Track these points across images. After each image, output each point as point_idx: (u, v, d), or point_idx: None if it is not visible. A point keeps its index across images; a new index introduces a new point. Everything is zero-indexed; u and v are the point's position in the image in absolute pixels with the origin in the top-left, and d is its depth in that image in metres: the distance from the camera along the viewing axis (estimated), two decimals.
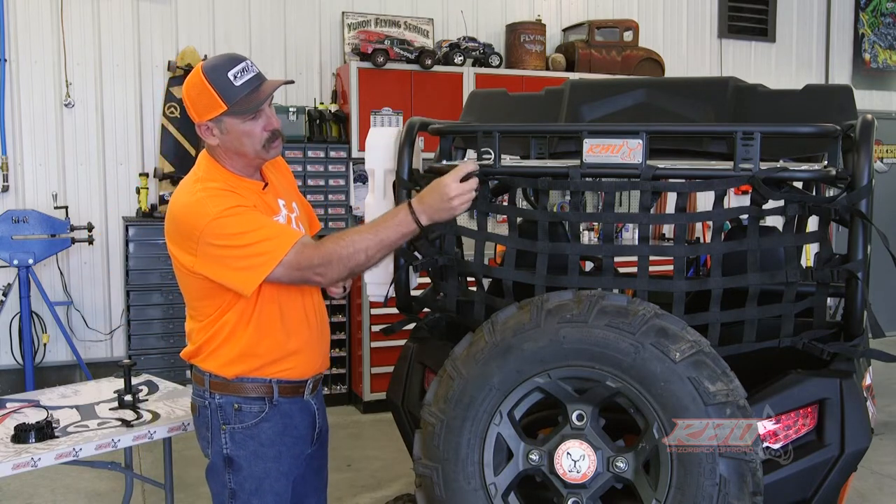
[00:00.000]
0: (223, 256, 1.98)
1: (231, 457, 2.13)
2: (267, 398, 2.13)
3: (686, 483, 1.87)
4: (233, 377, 2.11)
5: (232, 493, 2.15)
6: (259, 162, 2.14)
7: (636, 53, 6.51)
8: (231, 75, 1.99)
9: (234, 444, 2.13)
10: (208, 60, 2.07)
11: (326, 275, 2.01)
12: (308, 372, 2.21)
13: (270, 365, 2.12)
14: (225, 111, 2.00)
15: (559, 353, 1.99)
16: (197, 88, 2.02)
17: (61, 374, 5.36)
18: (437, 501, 2.06)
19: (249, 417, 2.12)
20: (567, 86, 2.89)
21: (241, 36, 5.81)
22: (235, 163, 2.11)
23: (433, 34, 6.22)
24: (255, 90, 2.03)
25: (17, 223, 4.88)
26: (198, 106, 2.04)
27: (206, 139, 2.08)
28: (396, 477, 4.32)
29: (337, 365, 5.64)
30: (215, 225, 1.96)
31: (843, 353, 2.11)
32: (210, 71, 2.01)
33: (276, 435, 2.15)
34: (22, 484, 4.08)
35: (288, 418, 2.17)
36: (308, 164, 5.64)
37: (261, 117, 2.05)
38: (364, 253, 2.01)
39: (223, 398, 2.12)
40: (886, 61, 8.25)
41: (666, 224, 5.91)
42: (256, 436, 2.13)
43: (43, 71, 5.35)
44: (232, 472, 2.14)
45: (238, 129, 2.04)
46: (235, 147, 2.07)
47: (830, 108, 2.44)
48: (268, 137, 2.07)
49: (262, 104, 2.03)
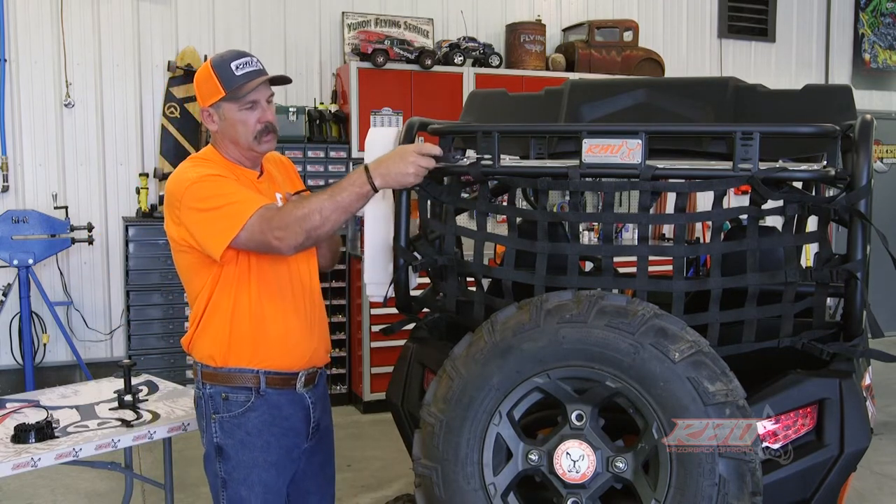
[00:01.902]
0: (198, 220, 2.08)
1: (220, 445, 2.20)
2: (254, 388, 2.18)
3: (685, 483, 1.87)
4: (221, 366, 2.18)
5: (223, 483, 2.21)
6: (252, 154, 2.23)
7: (636, 53, 6.51)
8: (233, 66, 2.15)
9: (223, 433, 2.19)
10: (219, 53, 2.24)
11: (284, 239, 2.02)
12: (297, 364, 2.25)
13: (256, 354, 2.17)
14: (223, 97, 2.15)
15: (558, 353, 1.99)
16: (203, 76, 2.19)
17: (61, 374, 5.36)
18: (437, 501, 2.06)
19: (236, 407, 2.18)
20: (567, 86, 2.89)
21: (241, 36, 5.81)
22: (232, 152, 2.22)
23: (433, 34, 6.22)
24: (251, 81, 2.15)
25: (17, 223, 4.88)
26: (202, 91, 2.19)
27: (207, 125, 2.23)
28: (396, 477, 4.32)
29: (337, 365, 5.64)
30: (193, 188, 2.08)
31: (843, 353, 2.11)
32: (216, 60, 2.19)
33: (264, 425, 2.20)
34: (22, 484, 4.08)
35: (276, 409, 2.21)
36: (308, 164, 5.64)
37: (257, 109, 2.17)
38: (318, 213, 2.02)
39: (213, 388, 2.20)
40: (886, 61, 8.25)
41: (665, 224, 5.91)
42: (243, 425, 2.18)
43: (43, 71, 5.36)
44: (222, 461, 2.20)
45: (234, 116, 2.16)
46: (231, 135, 2.19)
47: (830, 109, 2.44)
48: (261, 129, 2.18)
49: (253, 91, 2.15)
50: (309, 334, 2.28)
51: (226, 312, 2.16)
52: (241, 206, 2.05)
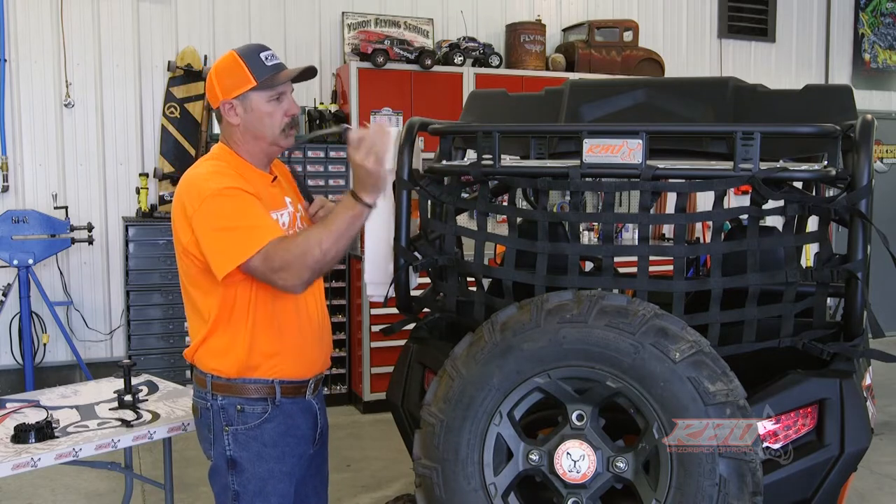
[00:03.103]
0: (210, 236, 2.00)
1: (234, 458, 2.13)
2: (270, 399, 2.13)
3: (686, 483, 1.87)
4: (235, 377, 2.11)
5: (235, 495, 2.14)
6: (274, 149, 2.18)
7: (636, 53, 6.51)
8: (262, 56, 2.11)
9: (238, 446, 2.13)
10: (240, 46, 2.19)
11: (289, 279, 1.98)
12: (309, 371, 2.21)
13: (269, 363, 2.12)
14: (254, 87, 2.09)
15: (559, 353, 1.99)
16: (229, 67, 2.12)
17: (61, 374, 5.36)
18: (437, 501, 2.06)
19: (253, 418, 2.12)
20: (567, 86, 2.89)
21: (241, 36, 5.80)
22: (251, 148, 2.16)
23: (433, 34, 6.22)
24: (281, 71, 2.13)
25: (17, 223, 4.88)
26: (226, 83, 2.12)
27: (228, 118, 2.14)
28: (396, 477, 4.32)
29: (337, 365, 5.63)
30: (211, 201, 2.00)
31: (843, 353, 2.11)
32: (243, 51, 2.13)
33: (279, 436, 2.15)
34: (22, 484, 4.08)
35: (290, 419, 2.17)
36: (308, 164, 5.64)
37: (283, 101, 2.14)
38: (318, 247, 1.97)
39: (226, 399, 2.12)
40: (886, 61, 8.25)
41: (666, 224, 5.92)
42: (259, 437, 2.13)
43: (43, 71, 5.36)
44: (235, 474, 2.14)
45: (262, 108, 2.11)
46: (255, 128, 2.13)
47: (830, 109, 2.44)
48: (287, 123, 2.15)
49: (287, 81, 2.13)
50: (320, 341, 2.25)
51: (242, 323, 2.09)
52: (258, 233, 1.98)
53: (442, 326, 2.67)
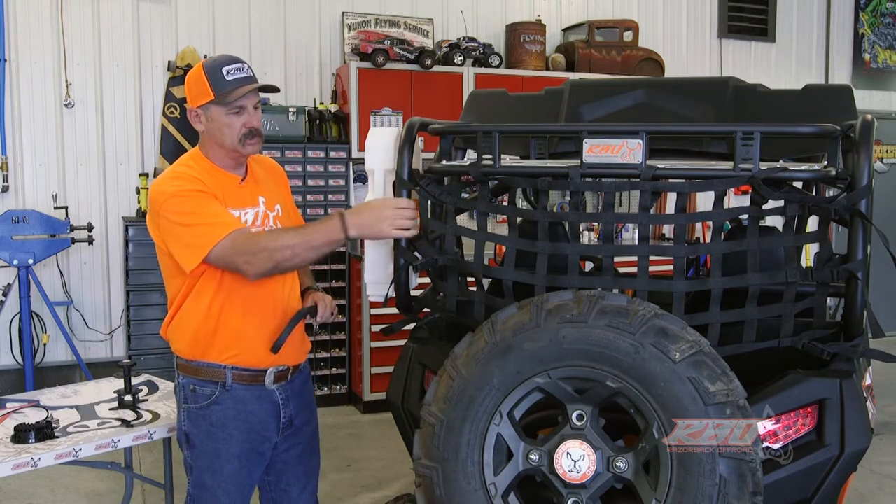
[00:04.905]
0: (174, 232, 2.18)
1: (188, 433, 2.30)
2: (220, 383, 2.25)
3: (686, 483, 1.87)
4: (191, 359, 2.27)
5: (189, 468, 2.32)
6: (237, 156, 2.28)
7: (636, 53, 6.51)
8: (224, 71, 2.21)
9: (190, 422, 2.29)
10: (212, 56, 2.32)
11: (252, 264, 2.12)
12: (265, 361, 2.28)
13: (223, 350, 2.24)
14: (212, 100, 2.20)
15: (559, 353, 1.99)
16: (194, 77, 2.25)
17: (61, 374, 5.36)
18: (437, 501, 2.06)
19: (202, 399, 2.27)
20: (567, 86, 2.89)
21: (241, 36, 5.81)
22: (217, 153, 2.28)
23: (433, 34, 6.22)
24: (240, 87, 2.21)
25: (17, 223, 4.88)
26: (192, 92, 2.25)
27: (194, 125, 2.28)
28: (396, 477, 4.32)
29: (337, 365, 5.64)
30: (170, 202, 2.17)
31: (843, 353, 2.11)
32: (208, 64, 2.25)
33: (228, 419, 2.26)
34: (22, 484, 4.08)
35: (241, 404, 2.27)
36: (308, 164, 5.64)
37: (243, 114, 2.23)
38: (290, 250, 2.13)
39: (184, 379, 2.30)
40: (886, 61, 8.25)
41: (666, 224, 5.92)
42: (208, 416, 2.26)
43: (43, 71, 5.35)
44: (189, 448, 2.31)
45: (221, 119, 2.22)
46: (216, 136, 2.25)
47: (830, 109, 2.44)
48: (245, 133, 2.24)
49: (240, 98, 2.21)
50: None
51: (198, 308, 2.24)
52: (216, 229, 2.14)
53: (442, 326, 2.67)
